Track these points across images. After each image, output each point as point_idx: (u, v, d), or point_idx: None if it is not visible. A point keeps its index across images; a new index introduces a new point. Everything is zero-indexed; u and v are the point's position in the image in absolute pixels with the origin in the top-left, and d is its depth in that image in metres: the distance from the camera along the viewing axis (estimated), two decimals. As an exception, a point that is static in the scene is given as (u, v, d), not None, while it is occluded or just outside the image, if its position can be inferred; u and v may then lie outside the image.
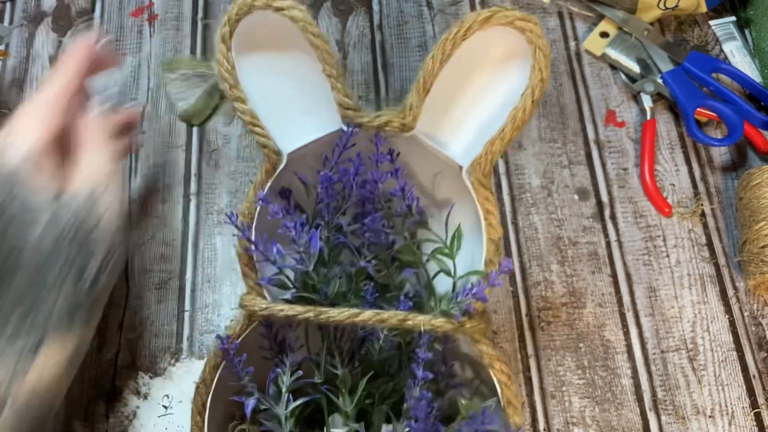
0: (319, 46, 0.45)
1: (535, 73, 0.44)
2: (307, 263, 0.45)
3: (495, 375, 0.46)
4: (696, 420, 0.57)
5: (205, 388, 0.47)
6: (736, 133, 0.64)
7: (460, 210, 0.49)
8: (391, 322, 0.44)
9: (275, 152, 0.47)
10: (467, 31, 0.43)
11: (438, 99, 0.46)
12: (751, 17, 0.72)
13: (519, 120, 0.44)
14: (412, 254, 0.48)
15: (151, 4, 0.75)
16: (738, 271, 0.62)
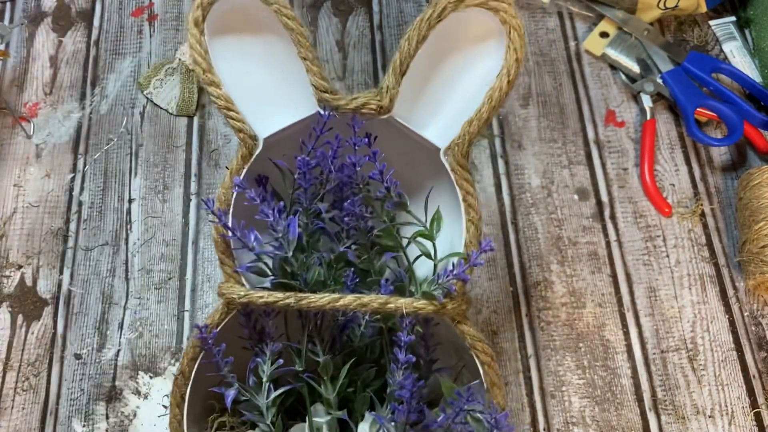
0: (294, 29, 0.45)
1: (510, 53, 0.44)
2: (286, 249, 0.44)
3: (477, 356, 0.46)
4: (696, 420, 0.57)
5: (183, 379, 0.46)
6: (736, 133, 0.64)
7: (438, 192, 0.49)
8: (372, 306, 0.43)
9: (251, 137, 0.46)
10: (442, 12, 0.43)
11: (414, 81, 0.46)
12: (751, 17, 0.72)
13: (496, 100, 0.44)
14: (392, 238, 0.48)
15: (151, 4, 0.75)
16: (738, 271, 0.62)
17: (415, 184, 0.52)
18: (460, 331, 0.46)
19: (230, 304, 0.46)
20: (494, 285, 0.61)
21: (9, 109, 0.68)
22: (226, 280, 0.46)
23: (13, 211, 0.64)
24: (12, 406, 0.57)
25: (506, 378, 0.58)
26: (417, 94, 0.47)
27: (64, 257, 0.63)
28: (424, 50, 0.44)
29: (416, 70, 0.45)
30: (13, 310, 0.61)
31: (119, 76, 0.71)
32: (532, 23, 0.73)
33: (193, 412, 0.47)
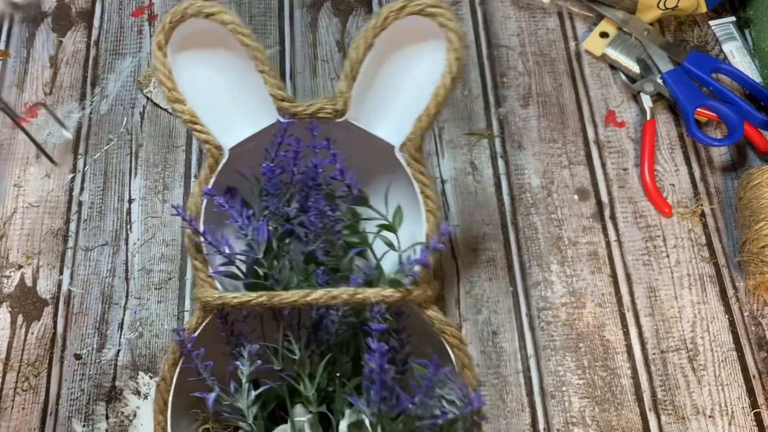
0: (249, 45, 0.48)
1: (450, 52, 0.48)
2: (256, 251, 0.46)
3: (446, 340, 0.48)
4: (696, 420, 0.57)
5: (165, 386, 0.47)
6: (736, 133, 0.64)
7: (397, 189, 0.52)
8: (342, 298, 0.45)
9: (217, 147, 0.49)
10: (384, 20, 0.48)
11: (365, 85, 0.50)
12: (751, 17, 0.72)
13: (441, 96, 0.48)
14: (357, 234, 0.50)
15: (151, 4, 0.75)
16: (738, 271, 0.62)
17: (374, 181, 0.55)
18: (428, 316, 0.48)
19: (206, 308, 0.47)
20: (494, 285, 0.61)
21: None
22: (200, 286, 0.48)
23: (13, 211, 0.64)
24: (12, 406, 0.57)
25: (506, 378, 0.58)
26: (368, 97, 0.50)
27: (64, 257, 0.63)
28: (372, 55, 0.48)
29: (366, 74, 0.49)
30: (13, 310, 0.61)
31: (119, 76, 0.71)
32: (532, 23, 0.73)
33: (177, 418, 0.47)
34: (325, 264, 0.49)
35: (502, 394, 0.58)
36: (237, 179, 0.51)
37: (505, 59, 0.72)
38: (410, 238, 0.50)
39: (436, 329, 0.48)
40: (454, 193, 0.65)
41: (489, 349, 0.59)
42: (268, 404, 0.48)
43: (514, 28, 0.73)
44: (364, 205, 0.49)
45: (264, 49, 0.48)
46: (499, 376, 0.58)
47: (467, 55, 0.71)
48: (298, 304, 0.46)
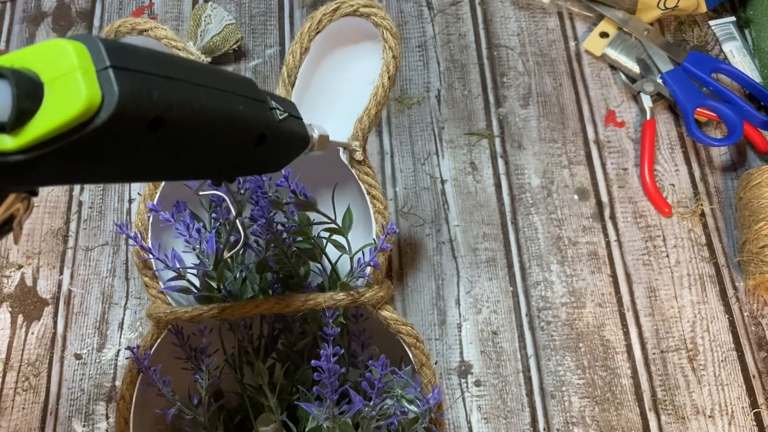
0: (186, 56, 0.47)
1: (387, 51, 0.47)
2: (206, 264, 0.46)
3: (403, 339, 0.48)
4: (696, 420, 0.57)
5: (124, 404, 0.46)
6: (736, 133, 0.64)
7: (345, 191, 0.51)
8: (294, 306, 0.45)
9: None
10: (318, 23, 0.47)
11: (304, 89, 0.49)
12: (751, 17, 0.72)
13: (380, 96, 0.48)
14: (308, 240, 0.49)
15: (152, 4, 0.75)
16: (738, 271, 0.62)
17: (322, 187, 0.55)
18: (382, 317, 0.48)
19: (159, 324, 0.47)
20: (494, 285, 0.62)
21: None
22: (153, 303, 0.47)
23: None
24: (12, 406, 0.57)
25: (506, 378, 0.58)
26: (308, 101, 0.50)
27: (65, 257, 0.63)
28: (309, 59, 0.48)
29: (304, 78, 0.49)
30: (13, 310, 0.61)
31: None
32: (532, 23, 0.73)
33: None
34: (279, 272, 0.49)
35: (502, 394, 0.58)
36: (185, 193, 0.50)
37: (505, 59, 0.72)
38: (363, 241, 0.50)
39: (392, 329, 0.48)
40: (454, 193, 0.65)
41: (489, 349, 0.59)
42: (235, 416, 0.48)
43: (514, 28, 0.73)
44: (312, 210, 0.49)
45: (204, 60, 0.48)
46: (499, 376, 0.58)
47: (467, 56, 0.71)
48: (249, 315, 0.45)
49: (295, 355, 0.48)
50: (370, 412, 0.43)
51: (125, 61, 0.24)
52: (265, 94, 0.34)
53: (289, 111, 0.36)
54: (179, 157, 0.29)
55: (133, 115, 0.24)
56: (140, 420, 0.47)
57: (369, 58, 0.49)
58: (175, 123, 0.27)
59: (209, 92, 0.29)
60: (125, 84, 0.24)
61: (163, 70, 0.26)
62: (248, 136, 0.32)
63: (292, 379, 0.47)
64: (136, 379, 0.47)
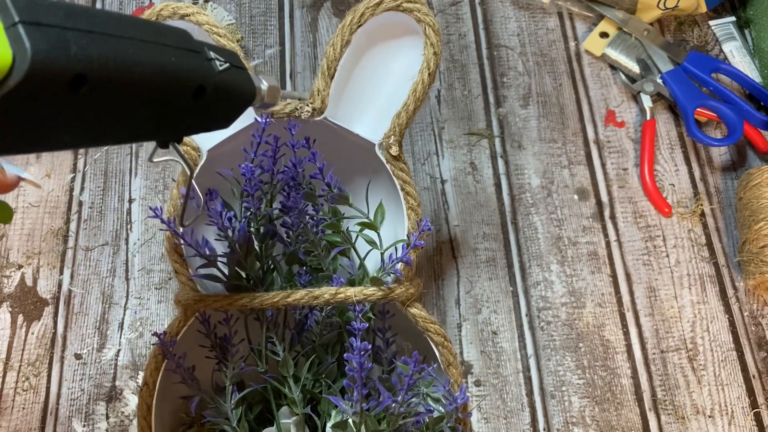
0: (225, 45, 0.47)
1: (428, 48, 0.47)
2: (237, 252, 0.45)
3: (431, 338, 0.47)
4: (696, 420, 0.57)
5: (147, 391, 0.46)
6: (736, 133, 0.64)
7: (377, 186, 0.51)
8: (324, 298, 0.45)
9: (194, 149, 0.48)
10: (361, 17, 0.47)
11: (343, 82, 0.49)
12: (751, 17, 0.72)
13: (419, 92, 0.48)
14: (339, 233, 0.49)
15: (151, 4, 0.75)
16: (738, 271, 0.62)
17: (355, 180, 0.55)
18: (411, 314, 0.48)
19: (187, 311, 0.47)
20: (494, 285, 0.62)
21: None
22: (181, 289, 0.47)
23: (13, 211, 0.64)
24: (12, 406, 0.57)
25: (506, 378, 0.58)
26: (346, 94, 0.50)
27: (65, 257, 0.63)
28: (349, 52, 0.48)
29: (343, 72, 0.48)
30: (13, 310, 0.61)
31: (119, 76, 0.71)
32: (532, 23, 0.73)
33: (162, 424, 0.47)
34: (308, 264, 0.49)
35: (502, 394, 0.58)
36: (217, 181, 0.50)
37: (505, 59, 0.72)
38: (394, 236, 0.50)
39: (420, 327, 0.48)
40: (454, 193, 0.65)
41: (489, 349, 0.59)
42: (255, 407, 0.48)
43: (514, 28, 0.73)
44: (345, 203, 0.49)
45: (240, 50, 0.47)
46: (499, 376, 0.58)
47: (467, 56, 0.71)
48: (279, 305, 0.45)
49: (320, 349, 0.48)
50: (398, 408, 0.43)
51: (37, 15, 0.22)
52: (202, 45, 0.32)
53: (231, 61, 0.33)
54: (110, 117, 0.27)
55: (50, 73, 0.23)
56: (160, 407, 0.46)
57: (409, 53, 0.49)
58: (99, 80, 0.25)
59: (136, 44, 0.26)
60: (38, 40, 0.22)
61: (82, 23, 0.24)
62: (185, 90, 0.30)
63: (314, 373, 0.47)
64: (161, 366, 0.46)
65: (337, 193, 0.48)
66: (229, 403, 0.45)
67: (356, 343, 0.42)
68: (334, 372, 0.48)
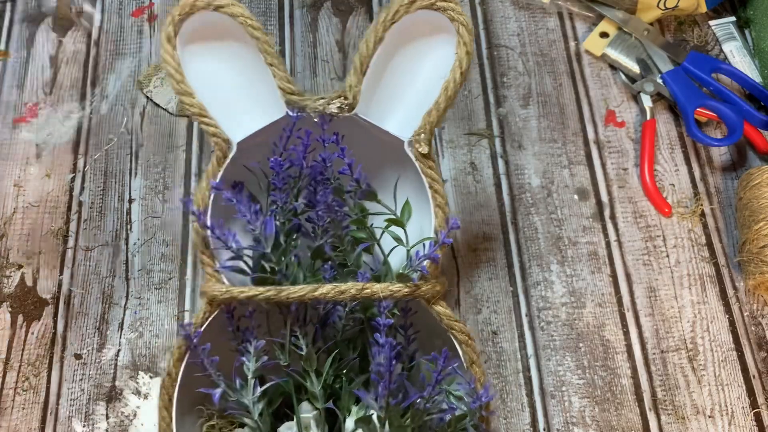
0: (259, 38, 0.48)
1: (461, 47, 0.47)
2: (264, 246, 0.46)
3: (455, 336, 0.47)
4: (696, 420, 0.57)
5: (170, 381, 0.46)
6: (736, 133, 0.64)
7: (404, 184, 0.51)
8: (350, 293, 0.45)
9: (225, 141, 0.48)
10: (395, 15, 0.47)
11: (374, 79, 0.49)
12: (751, 17, 0.72)
13: (451, 90, 0.48)
14: (364, 229, 0.50)
15: (152, 5, 0.75)
16: (738, 271, 0.62)
17: (382, 177, 0.55)
18: (436, 312, 0.48)
19: (212, 302, 0.47)
20: (494, 285, 0.61)
21: None
22: (207, 280, 0.47)
23: (13, 211, 0.64)
24: (12, 406, 0.57)
25: (506, 378, 0.58)
26: (378, 91, 0.50)
27: (64, 257, 0.63)
28: (382, 50, 0.48)
29: (375, 68, 0.48)
30: (13, 310, 0.61)
31: (119, 77, 0.71)
32: (532, 23, 0.73)
33: (182, 414, 0.47)
34: (333, 259, 0.49)
35: (502, 394, 0.58)
36: (244, 174, 0.51)
37: (505, 59, 0.72)
38: (418, 234, 0.50)
39: (445, 325, 0.48)
40: (454, 193, 0.65)
41: (489, 349, 0.59)
42: (274, 401, 0.48)
43: (514, 28, 0.73)
44: (373, 199, 0.49)
45: (273, 42, 0.48)
46: (499, 376, 0.58)
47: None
48: (306, 299, 0.45)
49: (342, 344, 0.48)
50: (423, 404, 0.43)
51: None
52: None
53: None
54: None
55: None
56: (181, 399, 0.47)
57: (441, 52, 0.49)
58: None
59: None
60: None
61: None
62: None
63: (336, 368, 0.47)
64: (184, 357, 0.47)
65: (365, 189, 0.48)
66: (251, 396, 0.45)
67: (381, 338, 0.42)
68: (356, 367, 0.48)
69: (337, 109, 0.48)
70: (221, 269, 0.47)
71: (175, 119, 0.68)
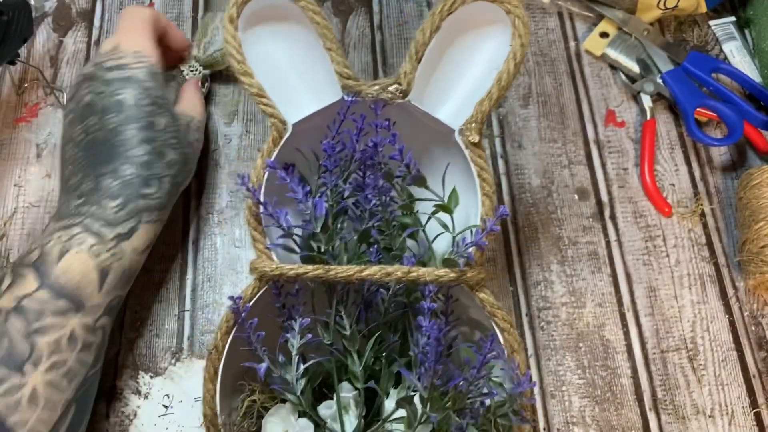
0: (319, 22, 0.49)
1: (516, 39, 0.48)
2: (314, 226, 0.47)
3: (497, 323, 0.48)
4: (696, 420, 0.57)
5: (216, 354, 0.48)
6: (736, 133, 0.64)
7: (452, 172, 0.52)
8: (396, 275, 0.46)
9: (281, 121, 0.50)
10: (452, 5, 0.48)
11: (428, 67, 0.50)
12: (751, 17, 0.72)
13: (504, 81, 0.49)
14: (411, 215, 0.50)
15: (152, 5, 0.75)
16: (738, 270, 0.62)
17: (430, 164, 0.56)
18: (480, 299, 0.48)
19: (262, 279, 0.48)
20: (494, 285, 0.62)
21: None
22: (258, 257, 0.49)
23: (13, 211, 0.64)
24: (12, 406, 0.57)
25: (506, 378, 0.58)
26: (430, 80, 0.51)
27: (65, 257, 0.63)
28: (437, 38, 0.49)
29: (429, 57, 0.49)
30: (13, 309, 0.60)
31: (119, 76, 0.71)
32: (532, 23, 0.73)
33: (224, 389, 0.48)
34: (379, 243, 0.50)
35: (502, 394, 0.58)
36: (295, 158, 0.52)
37: (505, 59, 0.72)
38: (464, 222, 0.51)
39: (488, 312, 0.48)
40: (454, 193, 0.65)
41: (489, 348, 0.59)
42: (314, 380, 0.49)
43: (514, 28, 0.73)
44: (422, 185, 0.49)
45: (332, 27, 0.49)
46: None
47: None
48: (353, 279, 0.46)
49: (384, 327, 0.49)
50: (466, 387, 0.43)
51: None
52: None
53: None
54: None
55: None
56: (224, 373, 0.48)
57: (495, 43, 0.50)
58: None
59: None
60: None
61: None
62: None
63: (377, 350, 0.48)
64: (231, 330, 0.48)
65: (415, 174, 0.49)
66: (295, 372, 0.46)
67: (425, 322, 0.42)
68: (396, 350, 0.49)
69: (390, 96, 0.49)
70: (272, 246, 0.48)
71: (175, 119, 0.68)
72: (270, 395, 0.50)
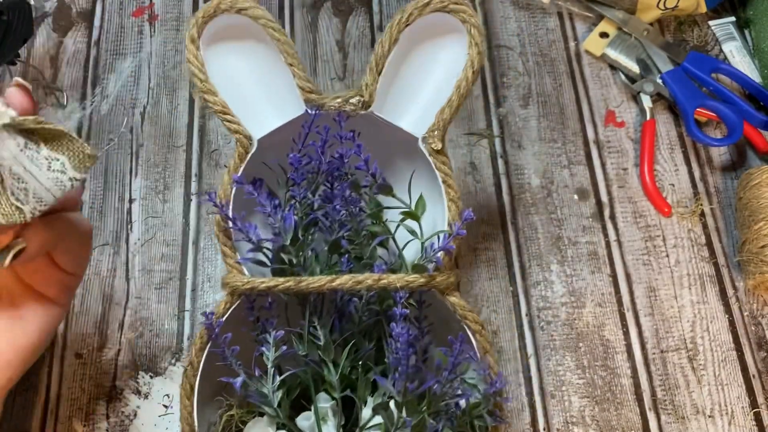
0: (279, 39, 0.50)
1: (473, 47, 0.49)
2: (284, 238, 0.47)
3: (468, 326, 0.49)
4: (696, 420, 0.57)
5: (192, 370, 0.48)
6: (736, 133, 0.64)
7: (417, 180, 0.53)
8: (367, 283, 0.46)
9: (246, 137, 0.50)
10: (409, 17, 0.49)
11: (389, 78, 0.51)
12: (751, 17, 0.72)
13: (463, 88, 0.50)
14: (380, 224, 0.51)
15: (152, 5, 0.75)
16: (738, 271, 0.62)
17: (395, 173, 0.57)
18: (450, 303, 0.49)
19: (234, 293, 0.48)
20: (494, 285, 0.62)
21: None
22: (229, 272, 0.49)
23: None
24: (12, 406, 0.57)
25: (506, 378, 0.58)
26: (392, 90, 0.52)
27: (65, 257, 0.63)
28: (396, 50, 0.50)
29: (390, 68, 0.50)
30: (13, 309, 0.61)
31: (120, 77, 0.71)
32: (532, 23, 0.73)
33: (202, 405, 0.48)
34: (349, 252, 0.50)
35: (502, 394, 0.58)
36: (263, 172, 0.52)
37: (505, 59, 0.72)
38: (431, 228, 0.51)
39: (459, 315, 0.49)
40: (454, 193, 0.65)
41: (489, 348, 0.59)
42: (291, 392, 0.49)
43: (514, 28, 0.73)
44: (389, 194, 0.50)
45: (293, 43, 0.50)
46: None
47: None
48: (324, 289, 0.47)
49: (358, 336, 0.49)
50: (440, 389, 0.44)
51: None
52: None
53: None
54: None
55: None
56: (201, 388, 0.48)
57: (453, 52, 0.51)
58: None
59: None
60: None
61: None
62: None
63: (353, 359, 0.49)
64: (206, 346, 0.48)
65: (381, 183, 0.50)
66: (271, 384, 0.47)
67: (397, 328, 0.43)
68: (372, 359, 0.50)
69: (353, 107, 0.50)
70: (242, 261, 0.49)
71: (175, 119, 0.68)
72: (248, 409, 0.50)
